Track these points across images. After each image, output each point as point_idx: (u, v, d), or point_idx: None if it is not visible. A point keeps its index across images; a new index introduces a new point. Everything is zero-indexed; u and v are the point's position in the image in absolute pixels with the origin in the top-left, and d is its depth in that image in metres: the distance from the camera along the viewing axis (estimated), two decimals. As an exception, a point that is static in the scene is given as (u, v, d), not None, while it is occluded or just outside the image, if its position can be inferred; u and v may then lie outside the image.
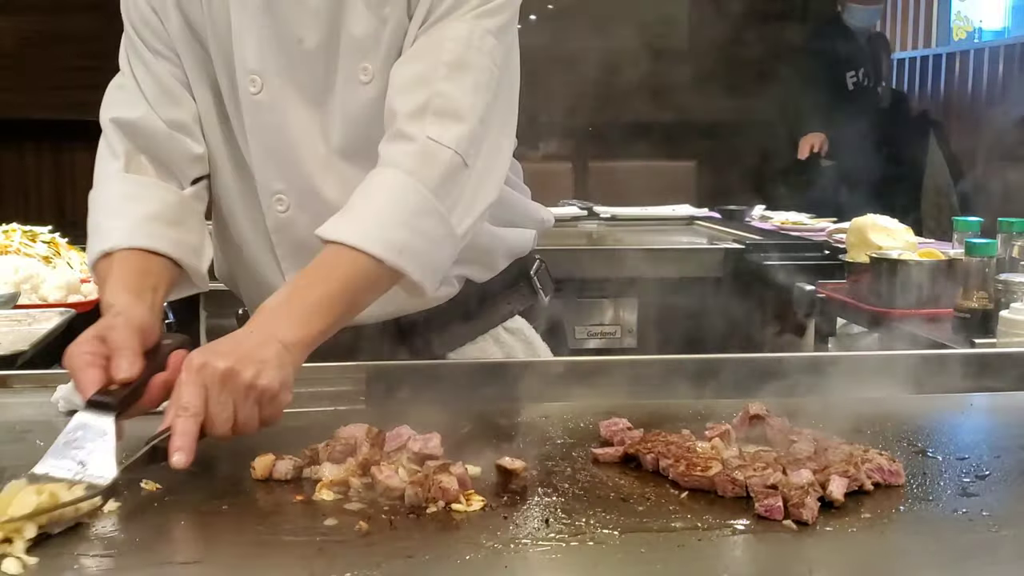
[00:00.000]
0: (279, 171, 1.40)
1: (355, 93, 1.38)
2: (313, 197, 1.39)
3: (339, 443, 1.07)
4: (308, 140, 1.39)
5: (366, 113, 1.37)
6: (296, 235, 1.41)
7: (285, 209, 1.41)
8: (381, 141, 1.32)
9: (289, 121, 1.38)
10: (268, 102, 1.37)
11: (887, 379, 1.45)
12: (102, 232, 1.32)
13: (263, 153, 1.39)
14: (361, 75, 1.37)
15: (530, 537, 0.90)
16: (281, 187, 1.40)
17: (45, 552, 0.86)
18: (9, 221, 2.67)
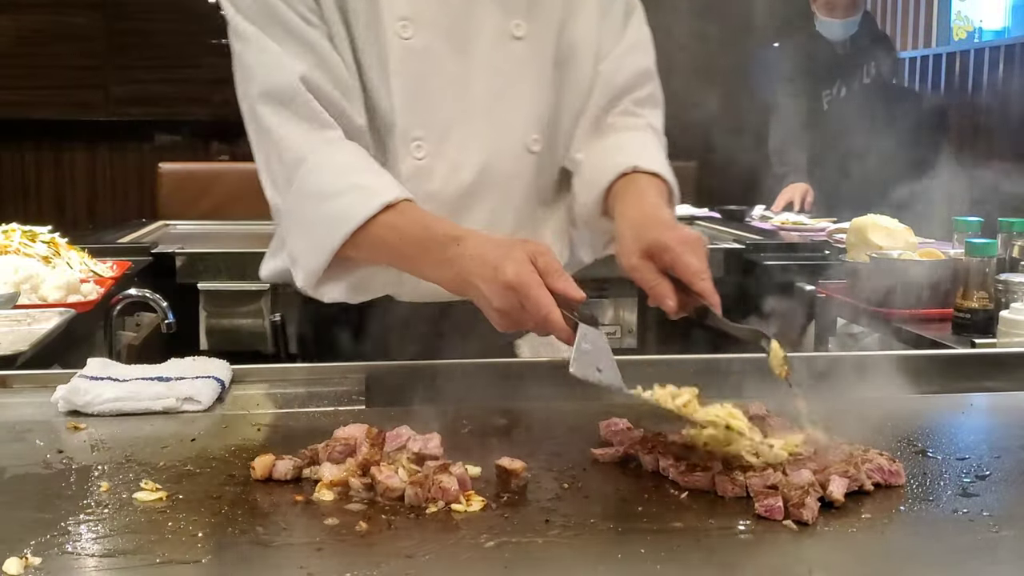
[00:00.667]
0: (422, 117, 1.42)
1: (505, 47, 1.44)
2: (451, 147, 1.43)
3: (339, 443, 1.07)
4: (452, 88, 1.43)
5: (514, 67, 1.45)
6: (428, 185, 1.43)
7: (423, 156, 1.43)
8: (612, 111, 1.52)
9: (436, 68, 1.42)
10: (419, 47, 1.40)
11: (887, 379, 1.45)
12: (376, 188, 1.32)
13: (408, 98, 1.41)
14: (514, 30, 1.45)
15: (530, 537, 0.90)
16: (421, 133, 1.42)
17: (45, 552, 0.86)
18: (9, 221, 2.67)
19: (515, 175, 1.50)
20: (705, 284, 1.23)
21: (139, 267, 3.08)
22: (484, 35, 1.44)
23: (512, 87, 1.46)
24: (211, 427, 1.24)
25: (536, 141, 1.50)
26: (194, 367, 1.38)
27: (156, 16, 6.78)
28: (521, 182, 1.51)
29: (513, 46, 1.45)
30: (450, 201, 1.44)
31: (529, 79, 1.47)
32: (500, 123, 1.45)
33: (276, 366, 1.51)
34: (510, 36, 1.45)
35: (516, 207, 1.52)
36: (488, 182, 1.48)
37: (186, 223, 4.22)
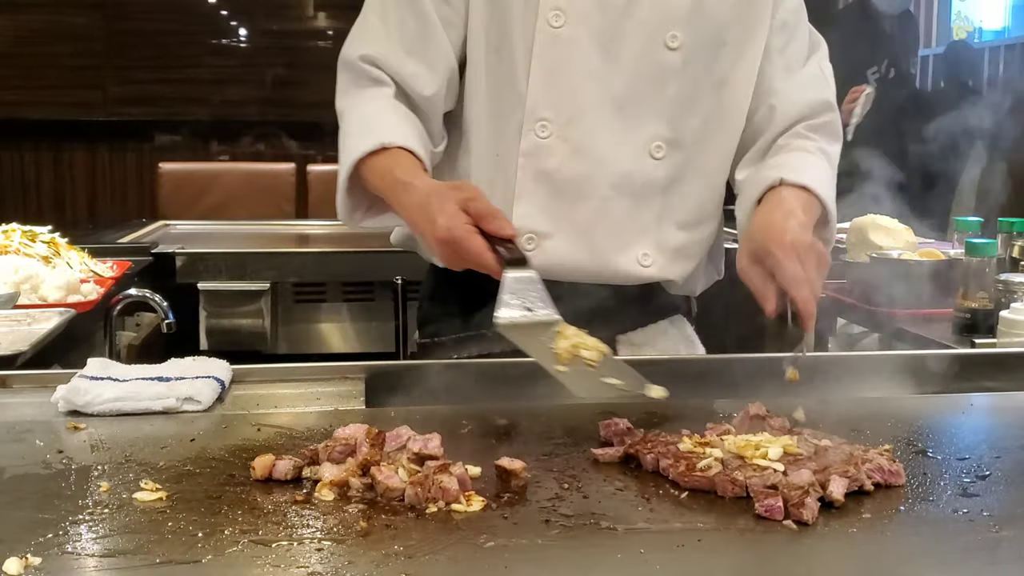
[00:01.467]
0: (553, 100, 1.50)
1: (655, 54, 1.51)
2: (576, 131, 1.51)
3: (339, 443, 1.07)
4: (590, 81, 1.50)
5: (659, 75, 1.52)
6: (546, 163, 1.51)
7: (547, 135, 1.50)
8: (785, 133, 1.56)
9: (579, 58, 1.50)
10: (566, 36, 1.49)
11: (887, 379, 1.45)
12: (379, 132, 1.45)
13: (543, 80, 1.50)
14: (669, 41, 1.51)
15: (530, 537, 0.90)
16: (548, 115, 1.50)
17: (45, 552, 0.86)
18: (9, 221, 2.67)
19: (633, 176, 1.54)
20: (799, 292, 1.28)
21: (139, 267, 3.07)
22: (636, 38, 1.51)
23: (652, 93, 1.53)
24: (211, 427, 1.24)
25: (659, 148, 1.54)
26: (194, 367, 1.38)
27: (156, 16, 6.79)
28: (640, 186, 1.54)
29: (664, 55, 1.51)
30: (564, 183, 1.52)
31: (672, 90, 1.53)
32: (630, 124, 1.52)
33: (276, 366, 1.51)
34: (663, 45, 1.51)
35: (629, 207, 1.54)
36: (605, 175, 1.53)
37: (186, 223, 4.22)
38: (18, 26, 6.61)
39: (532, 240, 1.53)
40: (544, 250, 1.52)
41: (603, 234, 1.54)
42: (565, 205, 1.52)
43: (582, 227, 1.53)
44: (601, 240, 1.54)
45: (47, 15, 6.61)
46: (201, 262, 3.40)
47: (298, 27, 7.21)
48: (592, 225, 1.53)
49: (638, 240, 1.56)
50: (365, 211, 1.50)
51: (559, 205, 1.52)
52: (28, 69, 6.55)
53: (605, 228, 1.53)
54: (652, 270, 1.56)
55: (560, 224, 1.53)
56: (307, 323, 3.64)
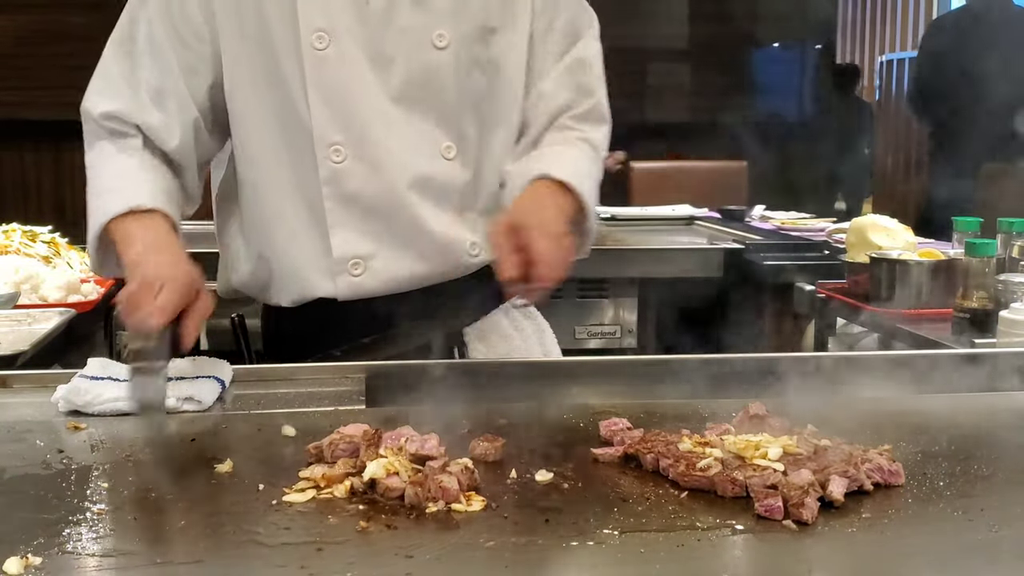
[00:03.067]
0: (338, 122, 1.49)
1: (425, 55, 1.51)
2: (369, 147, 1.50)
3: (339, 443, 1.07)
4: (368, 92, 1.49)
5: (432, 73, 1.51)
6: (348, 186, 1.50)
7: (342, 159, 1.49)
8: (548, 128, 1.59)
9: (352, 74, 1.49)
10: (333, 57, 1.47)
11: (887, 379, 1.45)
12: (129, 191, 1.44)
13: (323, 105, 1.48)
14: (436, 41, 1.51)
15: (530, 537, 0.90)
16: (339, 138, 1.49)
17: (45, 552, 0.86)
18: (9, 221, 2.67)
19: (433, 179, 1.54)
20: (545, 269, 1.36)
21: (139, 267, 3.07)
22: (404, 44, 1.50)
23: (431, 96, 1.52)
24: (211, 427, 1.24)
25: (449, 149, 1.54)
26: (194, 367, 1.38)
27: (156, 16, 6.78)
28: (440, 188, 1.55)
29: (434, 55, 1.51)
30: (370, 201, 1.51)
31: (449, 89, 1.53)
32: (417, 129, 1.52)
33: (276, 366, 1.51)
34: (432, 46, 1.51)
35: (438, 212, 1.55)
36: (408, 185, 1.52)
37: (186, 223, 4.19)
38: (18, 26, 6.61)
39: (358, 265, 1.52)
40: (373, 271, 1.53)
41: (424, 240, 1.54)
42: (379, 223, 1.52)
43: (402, 239, 1.53)
44: (425, 245, 1.54)
45: (47, 15, 6.60)
46: (201, 262, 3.39)
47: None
48: (411, 234, 1.53)
49: (459, 235, 1.57)
50: (116, 264, 1.47)
51: (373, 224, 1.52)
52: (28, 70, 6.55)
53: (423, 233, 1.54)
54: (482, 256, 1.58)
55: (380, 242, 1.53)
56: (307, 323, 3.63)
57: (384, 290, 1.53)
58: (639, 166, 5.48)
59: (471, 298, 1.62)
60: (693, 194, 4.69)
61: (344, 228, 1.51)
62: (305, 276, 1.54)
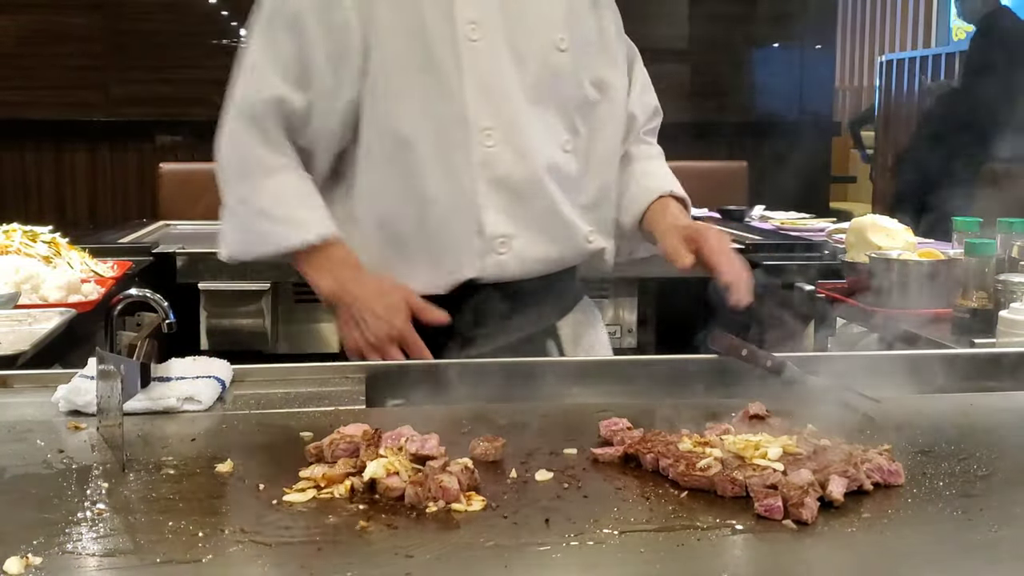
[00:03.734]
0: (490, 109, 1.60)
1: (551, 56, 1.65)
2: (515, 133, 1.61)
3: (339, 443, 1.07)
4: (511, 87, 1.62)
5: (556, 75, 1.66)
6: (498, 169, 1.61)
7: (492, 144, 1.60)
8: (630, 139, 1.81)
9: (499, 65, 1.61)
10: (484, 47, 1.59)
11: (887, 379, 1.45)
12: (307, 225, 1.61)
13: (477, 92, 1.59)
14: (559, 43, 1.65)
15: (530, 537, 0.90)
16: (490, 123, 1.60)
17: (46, 552, 0.86)
18: (9, 221, 2.67)
19: (560, 168, 1.68)
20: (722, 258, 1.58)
21: (140, 267, 3.08)
22: (535, 42, 1.64)
23: (554, 93, 1.66)
24: (211, 427, 1.24)
25: (568, 142, 1.69)
26: (195, 367, 1.38)
27: (156, 16, 6.78)
28: (564, 176, 1.69)
29: (557, 57, 1.65)
30: (516, 186, 1.63)
31: (568, 88, 1.68)
32: (545, 123, 1.65)
33: (276, 366, 1.51)
34: (555, 47, 1.65)
35: (564, 198, 1.68)
36: (543, 172, 1.65)
37: (187, 223, 4.22)
38: (19, 27, 6.61)
39: (504, 243, 1.63)
40: (515, 250, 1.64)
41: (558, 222, 1.67)
42: (521, 206, 1.63)
43: (539, 222, 1.65)
44: (557, 229, 1.67)
45: (47, 16, 6.60)
46: (202, 262, 3.40)
47: (298, 27, 7.19)
48: (549, 216, 1.66)
49: (579, 222, 1.70)
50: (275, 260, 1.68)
51: (517, 207, 1.63)
52: (29, 70, 6.55)
53: (558, 217, 1.67)
54: (594, 245, 1.73)
55: (520, 223, 1.64)
56: (307, 323, 3.64)
57: (521, 272, 1.65)
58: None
59: (566, 291, 1.78)
60: (693, 194, 4.69)
61: (494, 209, 1.61)
62: (455, 257, 1.62)
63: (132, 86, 6.71)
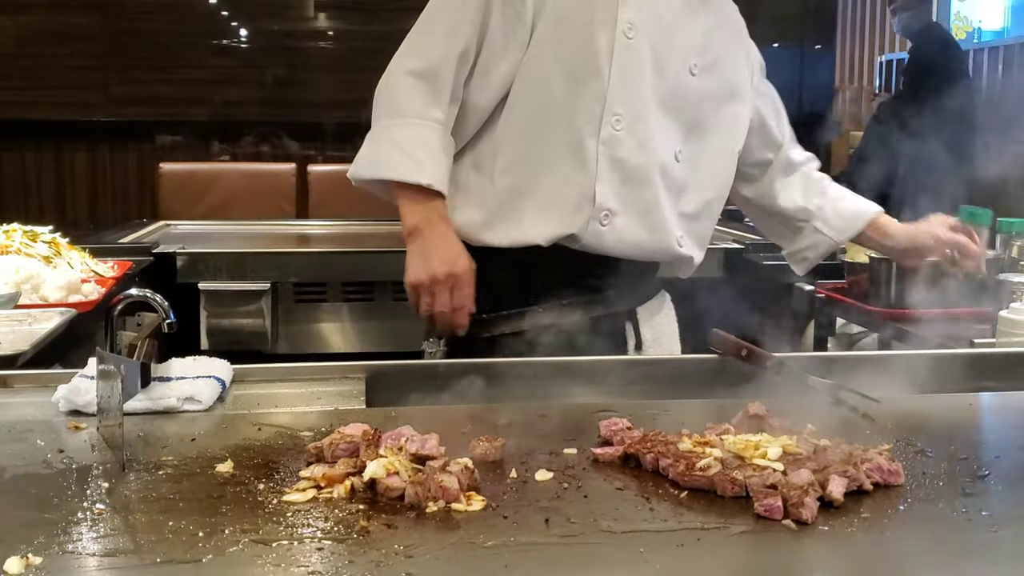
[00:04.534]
0: (625, 99, 1.77)
1: (683, 77, 1.83)
2: (640, 126, 1.78)
3: (339, 443, 1.07)
4: (647, 88, 1.79)
5: (684, 94, 1.83)
6: (618, 151, 1.77)
7: (620, 129, 1.76)
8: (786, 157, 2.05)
9: (642, 67, 1.78)
10: (636, 47, 1.77)
11: (887, 379, 1.45)
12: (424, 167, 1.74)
13: (619, 81, 1.76)
14: (692, 68, 1.84)
15: (530, 537, 0.90)
16: (622, 111, 1.76)
17: (46, 552, 0.86)
18: (10, 221, 2.67)
19: (669, 171, 1.83)
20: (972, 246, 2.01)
21: (140, 267, 3.07)
22: (674, 59, 1.81)
23: (678, 107, 1.83)
24: (211, 427, 1.24)
25: (680, 153, 1.84)
26: (195, 367, 1.38)
27: (156, 16, 6.78)
28: (671, 180, 1.84)
29: (688, 79, 1.83)
30: (631, 170, 1.78)
31: (689, 109, 1.85)
32: (666, 129, 1.82)
33: (276, 366, 1.51)
34: (687, 70, 1.83)
35: (667, 199, 1.83)
36: (657, 168, 1.80)
37: (187, 223, 4.22)
38: (19, 27, 6.61)
39: (607, 216, 1.77)
40: (614, 226, 1.78)
41: (656, 216, 1.81)
42: (631, 189, 1.78)
43: (642, 209, 1.80)
44: (655, 221, 1.82)
45: (48, 16, 6.61)
46: (202, 262, 3.40)
47: (298, 27, 7.20)
48: (649, 208, 1.80)
49: (674, 225, 1.85)
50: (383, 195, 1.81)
51: (626, 189, 1.78)
52: (29, 70, 6.55)
53: (657, 212, 1.81)
54: (684, 250, 1.88)
55: (626, 205, 1.78)
56: (307, 323, 3.64)
57: (615, 247, 1.80)
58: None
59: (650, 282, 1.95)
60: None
61: (606, 184, 1.76)
62: (564, 215, 1.77)
63: (132, 86, 6.71)
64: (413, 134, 1.77)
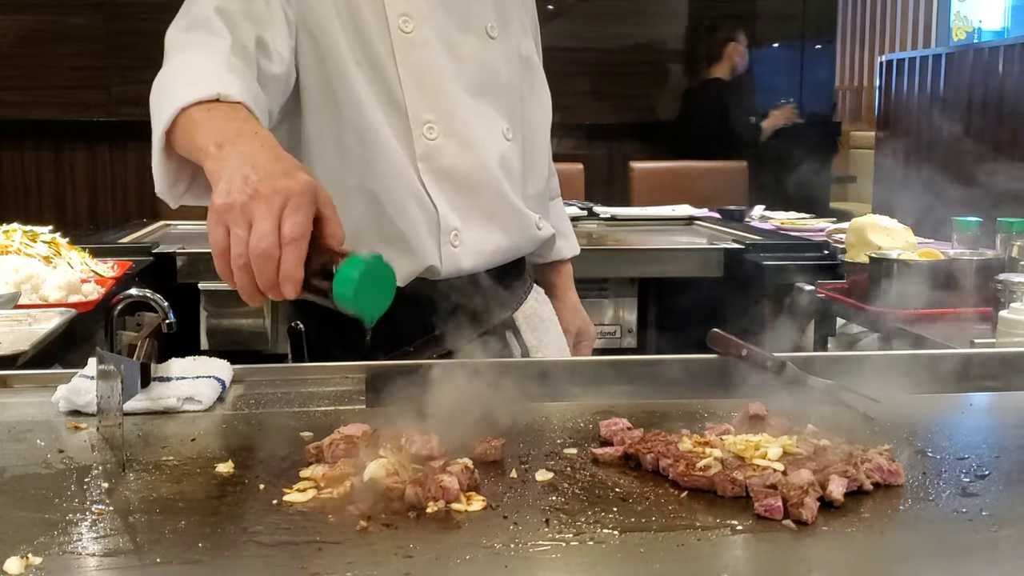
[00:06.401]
0: (428, 102, 1.57)
1: (484, 45, 1.63)
2: (458, 125, 1.59)
3: (339, 443, 1.07)
4: (449, 78, 1.59)
5: (491, 63, 1.64)
6: (442, 162, 1.58)
7: (435, 137, 1.57)
8: None
9: (435, 57, 1.57)
10: (419, 39, 1.56)
11: (887, 379, 1.45)
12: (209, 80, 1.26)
13: (413, 85, 1.56)
14: (490, 31, 1.64)
15: (530, 537, 0.90)
16: (431, 117, 1.57)
17: (46, 552, 0.86)
18: (10, 221, 2.67)
19: (505, 158, 1.65)
20: None
21: (140, 267, 3.08)
22: (468, 32, 1.61)
23: (491, 81, 1.64)
24: (211, 427, 1.24)
25: (508, 131, 1.66)
26: (195, 367, 1.38)
27: (156, 16, 6.76)
28: (509, 166, 1.66)
29: (490, 44, 1.63)
30: (464, 177, 1.60)
31: (502, 75, 1.66)
32: (486, 112, 1.63)
33: (276, 366, 1.51)
34: (487, 35, 1.63)
35: (512, 188, 1.67)
36: (489, 161, 1.63)
37: (187, 223, 4.22)
38: (19, 27, 6.61)
39: (457, 236, 1.60)
40: (466, 243, 1.61)
41: (506, 213, 1.65)
42: (469, 197, 1.61)
43: (488, 213, 1.63)
44: (507, 219, 1.66)
45: (48, 16, 6.60)
46: (202, 262, 3.40)
47: (298, 27, 7.19)
48: (495, 208, 1.64)
49: (526, 212, 1.70)
50: (189, 183, 1.30)
51: (463, 199, 1.60)
52: (29, 70, 6.55)
53: (506, 207, 1.65)
54: (543, 232, 1.74)
55: (470, 216, 1.61)
56: (307, 323, 3.63)
57: (475, 265, 1.61)
58: (639, 166, 5.48)
59: (519, 282, 1.76)
60: (693, 194, 4.69)
61: (442, 202, 1.58)
62: (412, 250, 1.57)
63: (133, 86, 6.69)
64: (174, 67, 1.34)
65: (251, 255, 1.03)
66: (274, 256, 1.02)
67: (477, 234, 1.61)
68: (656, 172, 5.44)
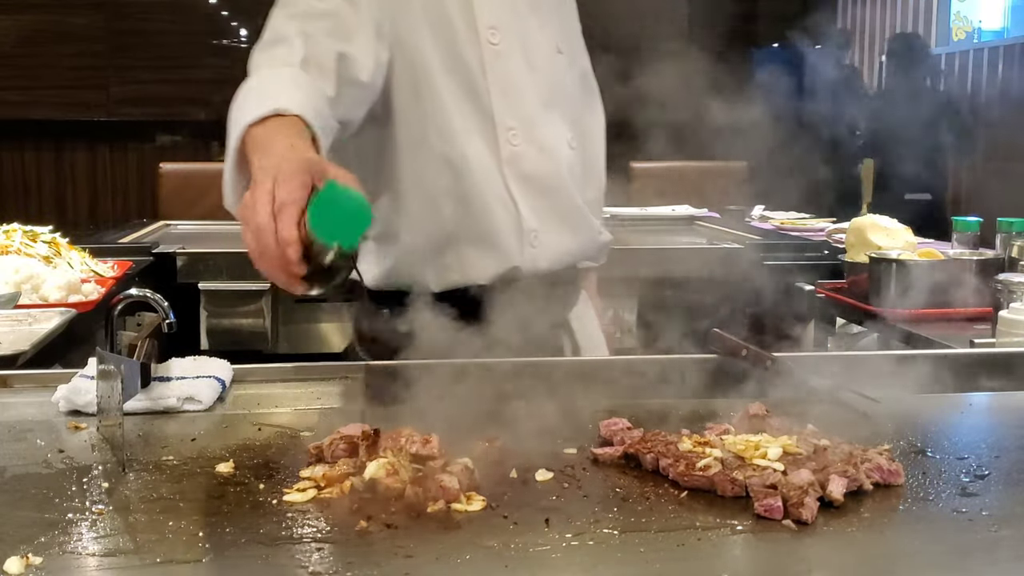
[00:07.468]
0: (512, 110, 1.66)
1: (553, 59, 1.73)
2: (535, 134, 1.68)
3: (339, 443, 1.07)
4: (527, 86, 1.68)
5: (559, 77, 1.74)
6: (524, 167, 1.67)
7: (518, 143, 1.66)
8: None
9: (516, 69, 1.67)
10: (504, 50, 1.65)
11: (887, 379, 1.45)
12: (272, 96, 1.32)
13: (500, 94, 1.65)
14: (560, 46, 1.74)
15: (530, 537, 0.90)
16: (513, 124, 1.66)
17: (46, 552, 0.86)
18: (10, 221, 2.67)
19: (572, 166, 1.76)
20: None
21: (140, 267, 3.07)
22: (542, 46, 1.72)
23: (558, 94, 1.74)
24: (211, 427, 1.24)
25: (573, 140, 1.76)
26: (195, 367, 1.38)
27: (156, 16, 6.78)
28: (575, 173, 1.77)
29: (559, 59, 1.74)
30: (541, 181, 1.68)
31: (568, 87, 1.77)
32: (555, 122, 1.72)
33: (276, 366, 1.51)
34: (556, 50, 1.74)
35: (580, 194, 1.77)
36: (562, 168, 1.72)
37: (187, 223, 4.21)
38: (20, 27, 6.62)
39: (536, 237, 1.67)
40: (544, 244, 1.68)
41: (576, 217, 1.74)
42: (547, 201, 1.69)
43: (561, 216, 1.72)
44: (577, 223, 1.75)
45: (48, 16, 6.61)
46: (202, 262, 3.40)
47: (298, 27, 7.20)
48: (567, 212, 1.73)
49: (590, 216, 1.79)
50: None
51: (543, 202, 1.69)
52: (30, 70, 6.56)
53: (576, 212, 1.75)
54: (603, 236, 1.84)
55: (547, 218, 1.69)
56: (307, 323, 3.64)
57: (549, 265, 1.69)
58: (639, 166, 5.47)
59: (573, 284, 1.84)
60: (693, 194, 4.69)
61: (525, 204, 1.66)
62: (499, 249, 1.65)
63: (132, 86, 6.71)
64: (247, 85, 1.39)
65: (253, 233, 1.09)
66: (270, 227, 1.07)
67: (552, 236, 1.70)
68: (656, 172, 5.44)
